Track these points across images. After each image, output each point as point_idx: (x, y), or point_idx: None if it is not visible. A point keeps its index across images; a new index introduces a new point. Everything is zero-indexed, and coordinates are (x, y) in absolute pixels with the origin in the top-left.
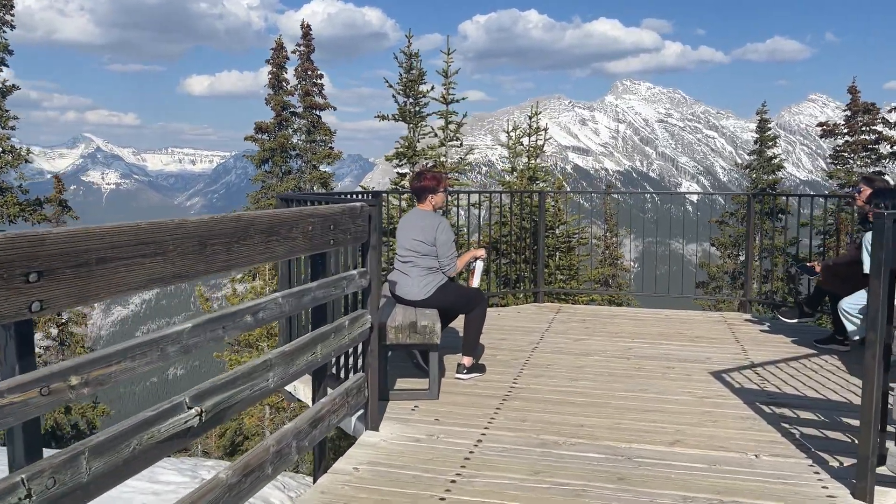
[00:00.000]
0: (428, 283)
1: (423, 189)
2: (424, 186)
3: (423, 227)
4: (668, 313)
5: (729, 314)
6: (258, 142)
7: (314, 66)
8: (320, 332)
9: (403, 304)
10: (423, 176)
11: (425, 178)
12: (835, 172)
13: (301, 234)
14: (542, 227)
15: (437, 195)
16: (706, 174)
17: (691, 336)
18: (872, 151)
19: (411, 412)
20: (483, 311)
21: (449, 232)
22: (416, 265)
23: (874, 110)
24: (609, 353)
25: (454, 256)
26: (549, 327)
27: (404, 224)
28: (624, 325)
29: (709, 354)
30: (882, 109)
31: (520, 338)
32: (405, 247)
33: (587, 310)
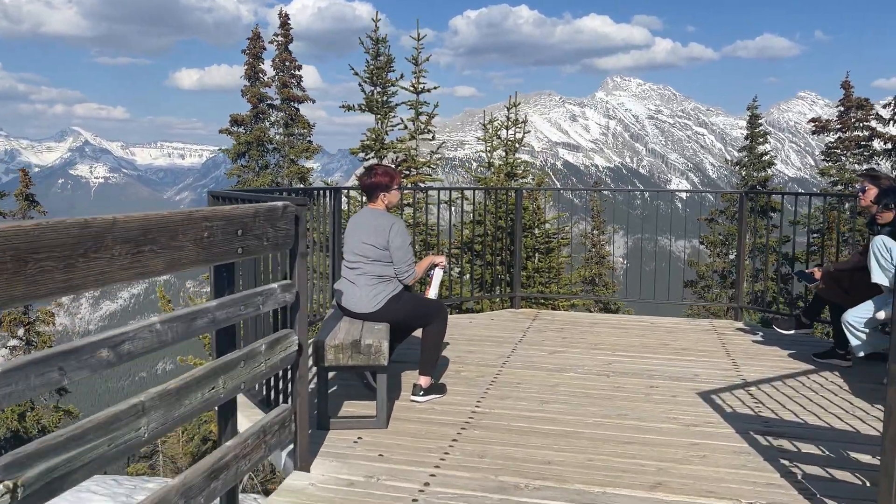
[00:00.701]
0: (378, 294)
1: (374, 186)
2: (376, 183)
3: (374, 228)
4: (652, 321)
5: (718, 322)
6: (234, 135)
7: (292, 56)
8: (224, 360)
9: (351, 317)
10: (374, 171)
11: (376, 173)
12: (827, 169)
13: (192, 241)
14: (520, 227)
15: (390, 193)
16: (696, 171)
17: (677, 348)
18: (865, 148)
19: (353, 445)
20: (443, 325)
21: (404, 235)
22: (364, 272)
23: (867, 106)
24: (586, 369)
25: (411, 262)
26: (523, 337)
27: (353, 225)
28: (604, 335)
29: (696, 370)
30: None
31: (490, 350)
32: (353, 251)
33: (566, 316)
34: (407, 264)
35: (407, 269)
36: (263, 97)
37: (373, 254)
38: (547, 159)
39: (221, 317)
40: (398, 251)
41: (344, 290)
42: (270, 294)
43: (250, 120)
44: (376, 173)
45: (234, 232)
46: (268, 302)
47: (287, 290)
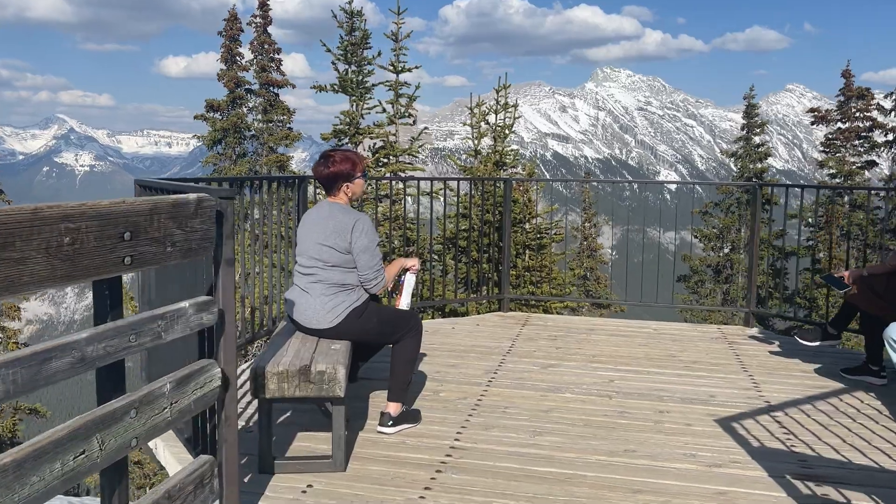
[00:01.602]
0: (337, 306)
1: (333, 176)
2: (336, 173)
3: (333, 227)
4: (655, 326)
5: (728, 329)
6: (209, 121)
7: (272, 39)
8: (102, 412)
9: (305, 332)
10: (332, 158)
11: (334, 160)
12: (826, 161)
13: (41, 250)
14: (509, 221)
15: (353, 183)
16: (684, 163)
17: (686, 361)
18: (866, 140)
19: (301, 496)
20: (416, 341)
21: (371, 234)
22: (320, 280)
23: (868, 96)
24: (585, 388)
25: (379, 268)
26: (512, 347)
27: (307, 223)
28: (603, 344)
29: (711, 389)
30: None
31: (474, 363)
32: (308, 254)
33: (559, 322)
34: (374, 270)
35: (374, 277)
36: (241, 82)
37: (332, 258)
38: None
39: (96, 353)
40: (363, 254)
41: (296, 301)
42: (178, 316)
43: (227, 105)
44: (334, 160)
45: (118, 235)
46: (174, 327)
47: (205, 309)
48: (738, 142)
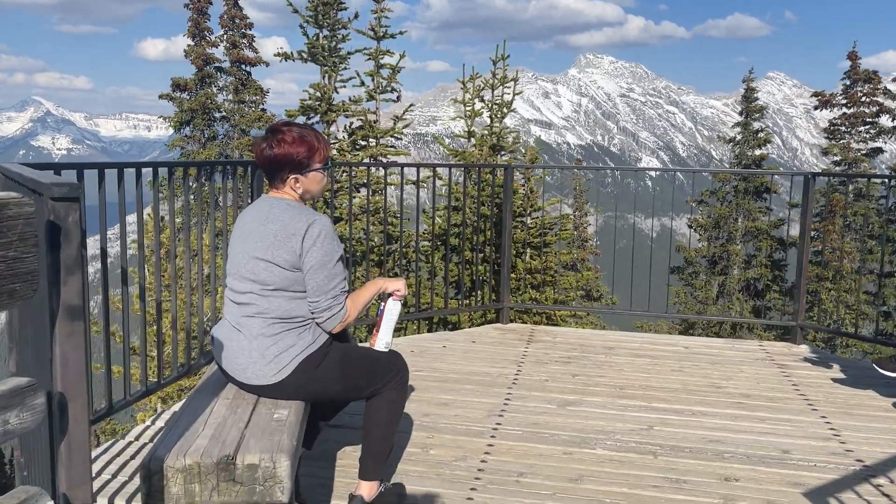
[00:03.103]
0: (283, 353)
1: (278, 162)
2: (282, 157)
3: (275, 232)
4: (686, 343)
5: (773, 347)
6: (176, 101)
7: (243, 13)
8: None
9: (240, 387)
10: (280, 136)
11: (283, 139)
12: (830, 148)
13: None
14: (509, 216)
15: (306, 177)
16: (666, 150)
17: (736, 394)
18: (872, 125)
19: None
20: (399, 396)
21: (330, 243)
22: (258, 312)
23: (875, 79)
24: (620, 440)
25: (338, 293)
26: (517, 374)
27: (240, 227)
28: (628, 369)
29: (781, 441)
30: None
31: (473, 400)
32: (240, 273)
33: (571, 336)
34: (329, 296)
35: (328, 306)
36: (210, 59)
37: (273, 278)
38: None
39: None
40: (316, 273)
41: (225, 343)
42: None
43: (195, 84)
44: (283, 140)
45: None
46: None
47: (21, 399)
48: (735, 127)
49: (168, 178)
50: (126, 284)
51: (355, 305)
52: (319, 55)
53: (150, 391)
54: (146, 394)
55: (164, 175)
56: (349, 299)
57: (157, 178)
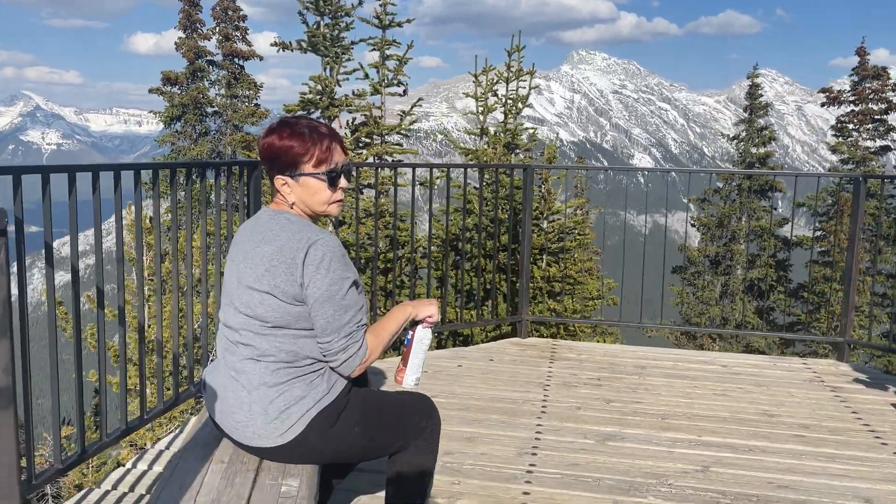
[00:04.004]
0: (290, 407)
1: (264, 155)
2: (267, 149)
3: (270, 255)
4: (723, 360)
5: (819, 365)
6: (166, 95)
7: (236, 5)
8: None
9: (237, 445)
10: (278, 128)
11: (279, 131)
12: (838, 146)
13: None
14: (529, 220)
15: (298, 181)
16: (658, 146)
17: (793, 424)
18: (881, 122)
19: None
20: (429, 450)
21: (339, 267)
22: (259, 355)
23: (885, 76)
24: (674, 485)
25: (353, 329)
26: (545, 400)
27: (235, 247)
28: (666, 393)
29: (856, 486)
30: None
31: (499, 434)
32: (234, 304)
33: (596, 353)
34: (345, 334)
35: (346, 346)
36: (202, 52)
37: (271, 313)
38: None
39: None
40: (324, 307)
41: (219, 392)
42: None
43: (186, 78)
44: (278, 132)
45: None
46: None
47: None
48: (739, 124)
49: (153, 180)
50: (101, 307)
51: (378, 341)
52: (320, 45)
53: (130, 429)
54: (126, 433)
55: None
56: (369, 333)
57: (139, 183)
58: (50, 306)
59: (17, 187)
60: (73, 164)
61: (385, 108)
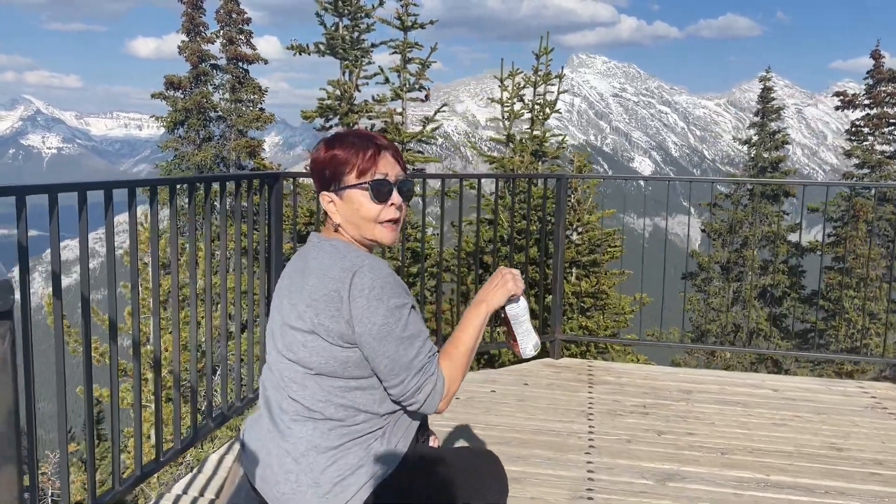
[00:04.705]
0: (345, 476)
1: (311, 171)
2: (311, 164)
3: (311, 289)
4: (773, 384)
5: (877, 388)
6: (169, 100)
7: (240, 7)
8: None
9: None
10: (327, 142)
11: (328, 146)
12: (853, 150)
13: None
14: (562, 232)
15: (342, 196)
16: (658, 149)
17: (865, 459)
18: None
19: None
20: None
21: (392, 293)
22: (307, 413)
23: None
24: None
25: (427, 358)
26: (591, 432)
27: (282, 279)
28: (720, 422)
29: None
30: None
31: (547, 473)
32: (276, 346)
33: (636, 376)
34: (417, 370)
35: (421, 384)
36: (205, 56)
37: (314, 358)
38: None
39: None
40: (385, 345)
41: (260, 455)
42: None
43: (189, 83)
44: (328, 145)
45: None
46: None
47: None
48: (752, 128)
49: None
50: (115, 340)
51: (456, 365)
52: (339, 47)
53: (146, 475)
54: (141, 479)
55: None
56: (443, 359)
57: (155, 201)
58: (59, 363)
59: (21, 210)
60: (84, 182)
61: (406, 114)
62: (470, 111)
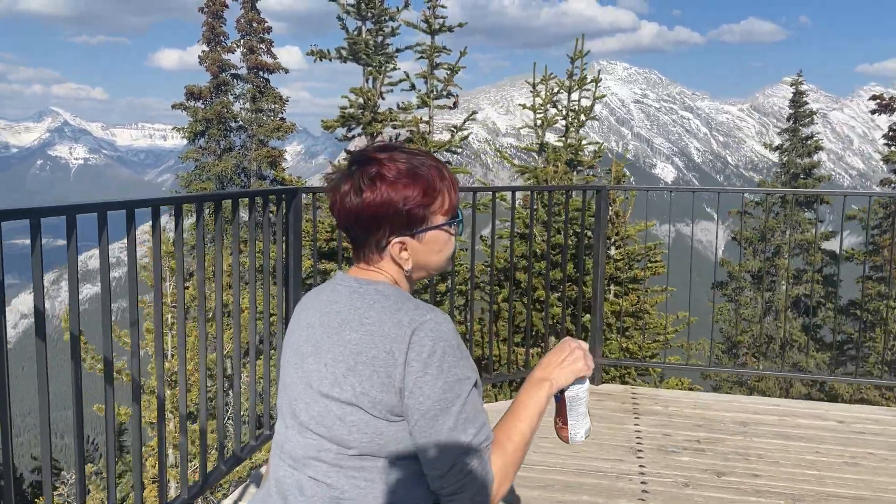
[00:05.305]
0: None
1: (372, 214)
2: (379, 206)
3: (356, 351)
4: (838, 415)
5: None
6: (190, 110)
7: (261, 17)
8: None
9: None
10: (375, 171)
11: (381, 175)
12: (892, 155)
13: None
14: (603, 247)
15: (421, 239)
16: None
17: None
18: None
19: None
20: None
21: (455, 362)
22: (340, 495)
23: None
24: None
25: (482, 447)
26: (643, 472)
27: (300, 327)
28: (783, 459)
29: None
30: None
31: None
32: (298, 416)
33: (684, 405)
34: (465, 462)
35: (467, 481)
36: (226, 65)
37: (356, 436)
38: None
39: None
40: (439, 423)
41: None
42: None
43: (210, 93)
44: (382, 177)
45: None
46: None
47: None
48: (783, 133)
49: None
50: (111, 383)
51: (510, 458)
52: (362, 52)
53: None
54: None
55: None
56: (495, 449)
57: (181, 222)
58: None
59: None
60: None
61: (433, 123)
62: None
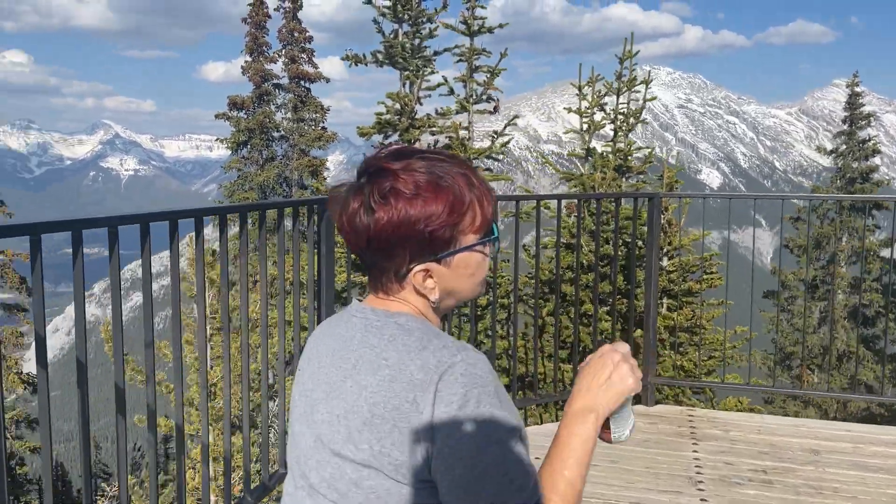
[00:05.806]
0: None
1: (388, 235)
2: (397, 226)
3: (372, 401)
4: None
5: None
6: (233, 120)
7: (302, 26)
8: None
9: None
10: (388, 185)
11: (395, 190)
12: None
13: None
14: (656, 261)
15: (449, 264)
16: (726, 160)
17: None
18: None
19: None
20: None
21: (493, 412)
22: None
23: None
24: None
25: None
26: None
27: (309, 369)
28: (864, 495)
29: None
30: None
31: None
32: (307, 476)
33: (747, 430)
34: None
35: None
36: (268, 75)
37: (374, 501)
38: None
39: None
40: (480, 487)
41: None
42: None
43: (252, 102)
44: (397, 192)
45: None
46: None
47: None
48: (838, 136)
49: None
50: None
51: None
52: (399, 56)
53: None
54: None
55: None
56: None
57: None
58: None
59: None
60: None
61: (473, 129)
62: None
